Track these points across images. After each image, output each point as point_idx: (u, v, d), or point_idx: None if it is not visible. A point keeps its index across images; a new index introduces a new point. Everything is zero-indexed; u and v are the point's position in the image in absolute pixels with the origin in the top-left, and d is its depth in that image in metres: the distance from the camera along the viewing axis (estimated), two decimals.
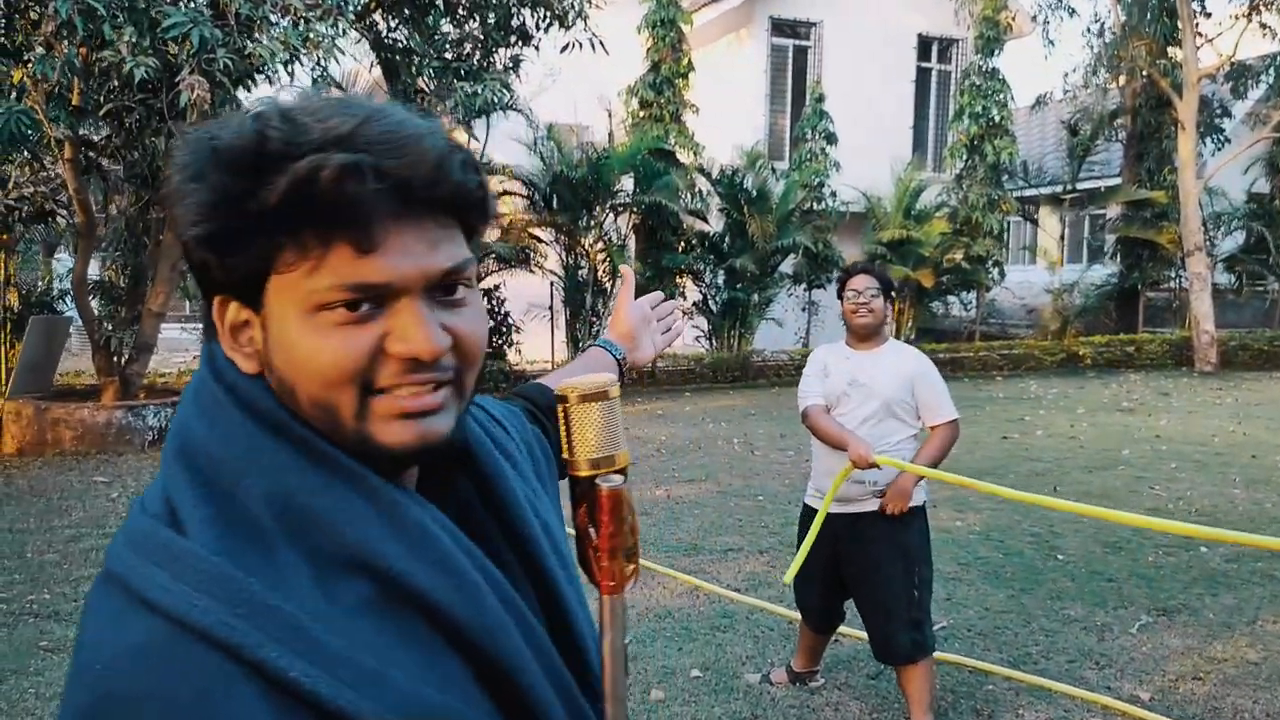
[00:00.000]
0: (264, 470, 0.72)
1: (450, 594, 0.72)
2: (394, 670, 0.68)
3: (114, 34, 7.33)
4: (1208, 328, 16.87)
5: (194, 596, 0.65)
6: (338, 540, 0.71)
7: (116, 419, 9.62)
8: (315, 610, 0.68)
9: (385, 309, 0.73)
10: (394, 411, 0.74)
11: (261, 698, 0.64)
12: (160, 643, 0.65)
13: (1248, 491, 7.76)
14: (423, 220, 0.73)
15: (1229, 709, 3.89)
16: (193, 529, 0.70)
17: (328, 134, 0.69)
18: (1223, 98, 19.56)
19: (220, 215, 0.71)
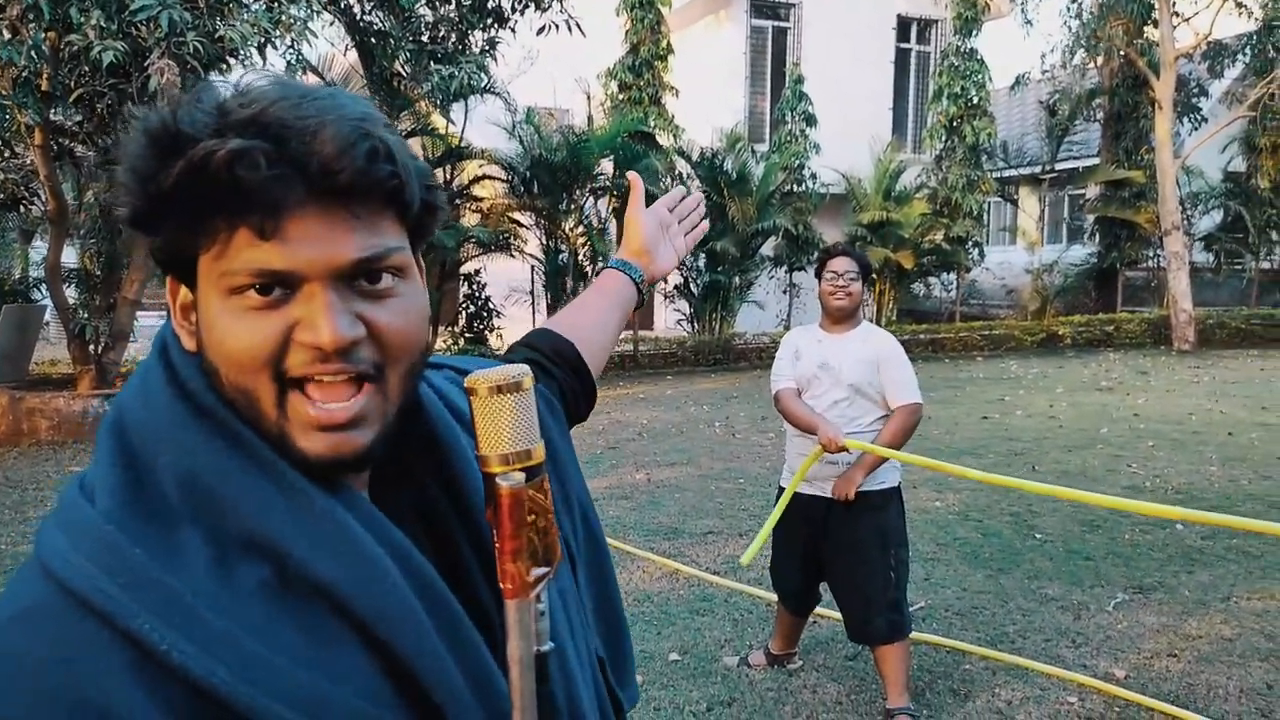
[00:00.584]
0: (180, 448, 0.72)
1: (353, 585, 0.71)
2: (281, 656, 0.67)
3: (81, 18, 7.24)
4: (1185, 306, 16.98)
5: (82, 564, 0.66)
6: (240, 524, 0.70)
7: (93, 408, 9.54)
8: (203, 589, 0.67)
9: (296, 297, 0.72)
10: (308, 420, 0.73)
11: (130, 667, 0.64)
12: (42, 606, 0.66)
13: (1224, 469, 7.82)
14: (331, 208, 0.71)
15: (1203, 685, 3.91)
16: (100, 499, 0.70)
17: (231, 119, 0.68)
18: (1200, 77, 19.63)
19: (135, 196, 0.71)
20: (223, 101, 0.70)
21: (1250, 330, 17.98)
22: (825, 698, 3.89)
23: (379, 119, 0.74)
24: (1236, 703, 3.76)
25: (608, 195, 15.02)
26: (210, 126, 0.68)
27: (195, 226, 0.71)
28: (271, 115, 0.69)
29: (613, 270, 1.37)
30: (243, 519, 0.70)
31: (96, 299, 10.64)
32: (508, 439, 0.75)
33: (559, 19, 10.21)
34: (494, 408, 0.75)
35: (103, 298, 10.62)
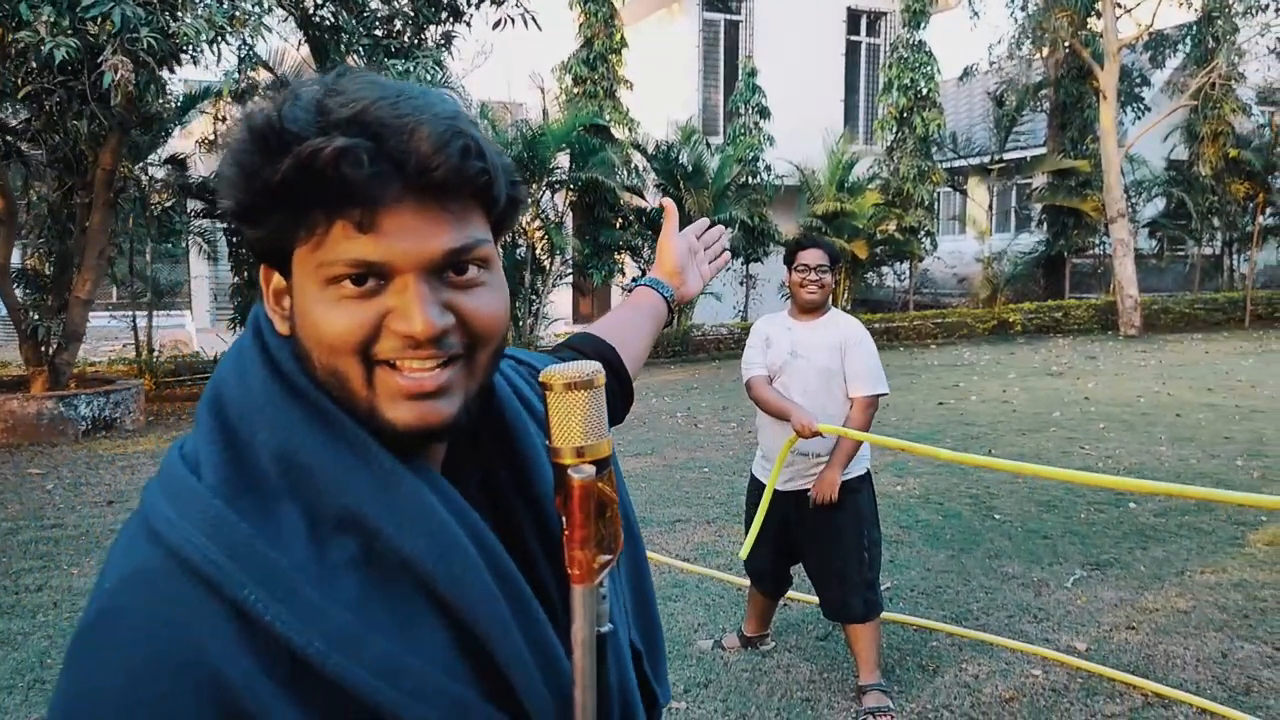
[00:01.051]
0: (276, 427, 0.76)
1: (436, 562, 0.75)
2: (371, 629, 0.72)
3: (31, 13, 7.11)
4: (1131, 292, 17.36)
5: (192, 533, 0.70)
6: (333, 501, 0.74)
7: (48, 409, 9.39)
8: (302, 563, 0.71)
9: (389, 287, 0.76)
10: (398, 391, 0.77)
11: (239, 635, 0.68)
12: (154, 570, 0.71)
13: (1173, 449, 8.04)
14: (425, 202, 0.75)
15: (1161, 656, 4.06)
16: (205, 473, 0.75)
17: (333, 117, 0.72)
18: (1142, 67, 20.06)
19: (241, 190, 0.75)
20: (322, 100, 0.73)
21: (1194, 314, 18.44)
22: (799, 677, 3.98)
23: (468, 117, 0.78)
24: (1194, 671, 3.91)
25: (564, 189, 15.03)
26: (314, 125, 0.72)
27: (297, 219, 0.75)
28: (371, 114, 0.72)
29: (645, 288, 1.41)
30: (335, 496, 0.74)
31: (48, 299, 10.45)
32: (579, 433, 0.79)
33: (514, 13, 10.20)
34: (568, 403, 0.79)
35: (54, 298, 10.45)
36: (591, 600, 0.80)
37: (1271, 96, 19.66)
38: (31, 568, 5.53)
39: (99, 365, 12.82)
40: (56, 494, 7.26)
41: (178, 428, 10.14)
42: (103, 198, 9.81)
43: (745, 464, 7.49)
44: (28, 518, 6.59)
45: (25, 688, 3.96)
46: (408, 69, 9.46)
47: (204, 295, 18.24)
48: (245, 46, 8.98)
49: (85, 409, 9.60)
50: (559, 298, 16.40)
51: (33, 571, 5.45)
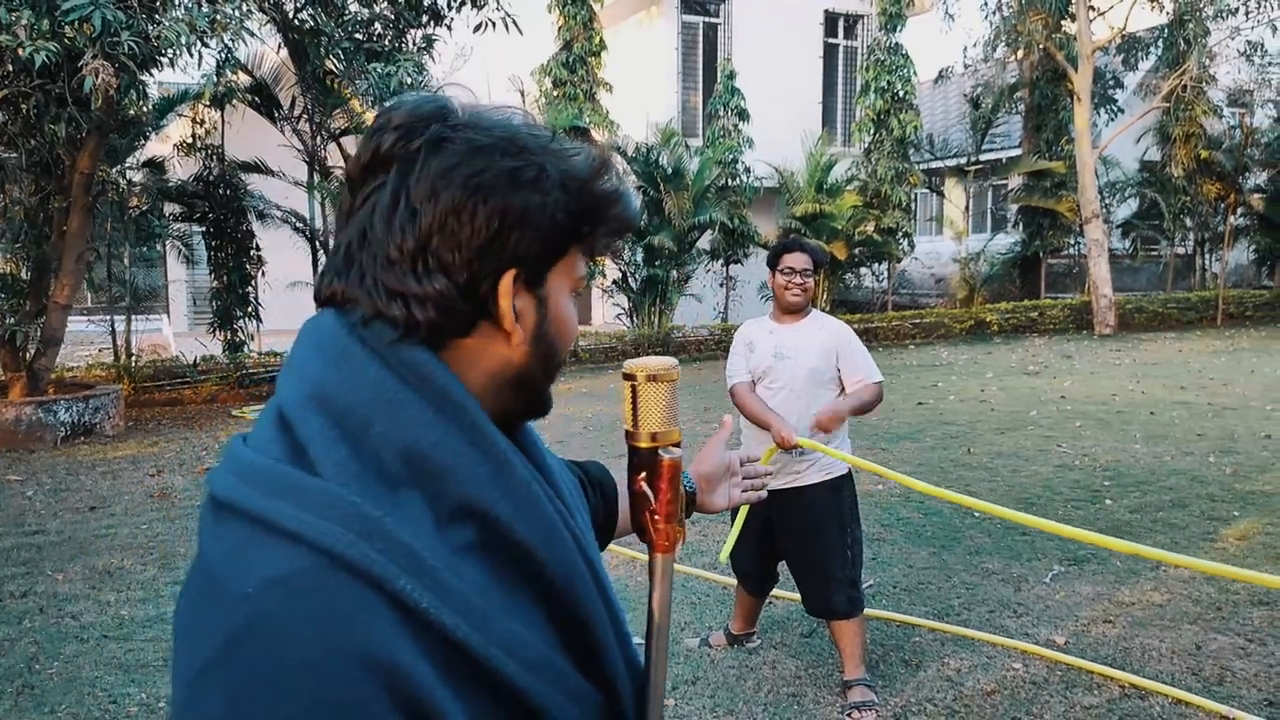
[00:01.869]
0: (393, 418, 0.79)
1: (546, 547, 0.82)
2: (492, 608, 0.77)
3: (9, 17, 7.09)
4: (1106, 292, 17.56)
5: (337, 531, 0.72)
6: (454, 488, 0.79)
7: (26, 415, 9.34)
8: (435, 549, 0.76)
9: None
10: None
11: (400, 625, 0.71)
12: (307, 570, 0.71)
13: (1148, 446, 8.17)
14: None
15: (1138, 648, 4.15)
16: (327, 469, 0.75)
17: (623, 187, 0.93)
18: (1115, 69, 20.29)
19: (609, 218, 0.92)
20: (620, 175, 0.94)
21: (1167, 314, 18.67)
22: (785, 673, 4.04)
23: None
24: (1169, 663, 4.00)
25: None
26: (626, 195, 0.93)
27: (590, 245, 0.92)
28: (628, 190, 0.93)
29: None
30: (456, 484, 0.79)
31: (25, 304, 10.39)
32: (657, 420, 0.89)
33: (495, 17, 10.23)
34: (649, 393, 0.89)
35: (32, 302, 10.39)
36: (669, 568, 0.89)
37: (1242, 99, 19.93)
38: (15, 574, 5.51)
39: (77, 370, 12.74)
40: (37, 500, 7.23)
41: (158, 432, 10.10)
42: (81, 201, 9.76)
43: None
44: (8, 524, 6.56)
45: (14, 693, 3.96)
46: (389, 72, 9.48)
47: (181, 299, 18.15)
48: (225, 50, 8.96)
49: (64, 414, 9.56)
50: None
51: (16, 578, 5.44)
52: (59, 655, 4.33)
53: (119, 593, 5.13)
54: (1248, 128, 19.37)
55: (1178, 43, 18.27)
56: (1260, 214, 19.76)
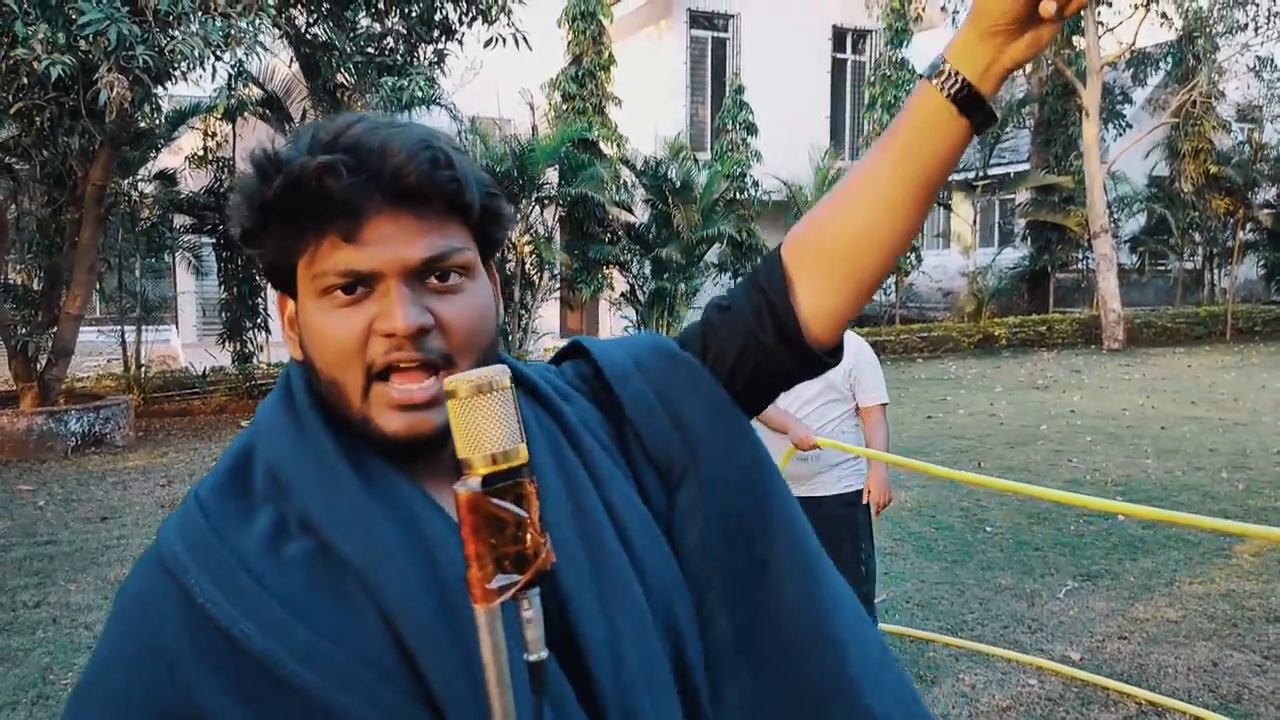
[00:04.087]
0: (272, 441, 0.87)
1: (367, 569, 0.79)
2: (301, 618, 0.78)
3: (26, 31, 7.14)
4: (1114, 306, 17.54)
5: (170, 531, 0.84)
6: (298, 504, 0.83)
7: (37, 425, 9.37)
8: (251, 557, 0.81)
9: (374, 293, 0.83)
10: (389, 401, 0.83)
11: (183, 615, 0.79)
12: (148, 557, 0.85)
13: (1159, 461, 8.15)
14: (403, 212, 0.82)
15: (1153, 664, 4.13)
16: (204, 485, 0.87)
17: (317, 142, 0.82)
18: (1124, 85, 20.31)
19: (243, 214, 0.85)
20: (314, 132, 0.83)
21: (1176, 328, 18.64)
22: None
23: (442, 137, 0.86)
24: (1185, 680, 3.98)
25: (553, 204, 15.10)
26: (303, 150, 0.82)
27: (292, 236, 0.83)
28: (350, 136, 0.81)
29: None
30: (299, 500, 0.83)
31: (37, 315, 10.43)
32: (492, 439, 0.71)
33: (506, 32, 10.29)
34: (474, 409, 0.71)
35: (43, 313, 10.43)
36: (494, 622, 0.70)
37: (1251, 114, 19.93)
38: (27, 584, 5.52)
39: (87, 380, 12.78)
40: (48, 510, 7.25)
41: (167, 443, 10.12)
42: (93, 213, 9.81)
43: None
44: (20, 534, 6.58)
45: (29, 703, 3.97)
46: (400, 86, 9.52)
47: (191, 310, 18.21)
48: (238, 64, 9.01)
49: (75, 424, 9.58)
50: (547, 312, 16.45)
51: (29, 589, 5.45)
52: (72, 666, 4.33)
53: None
54: (1257, 143, 19.36)
55: (1187, 59, 18.31)
56: (1269, 229, 19.75)
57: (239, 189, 0.85)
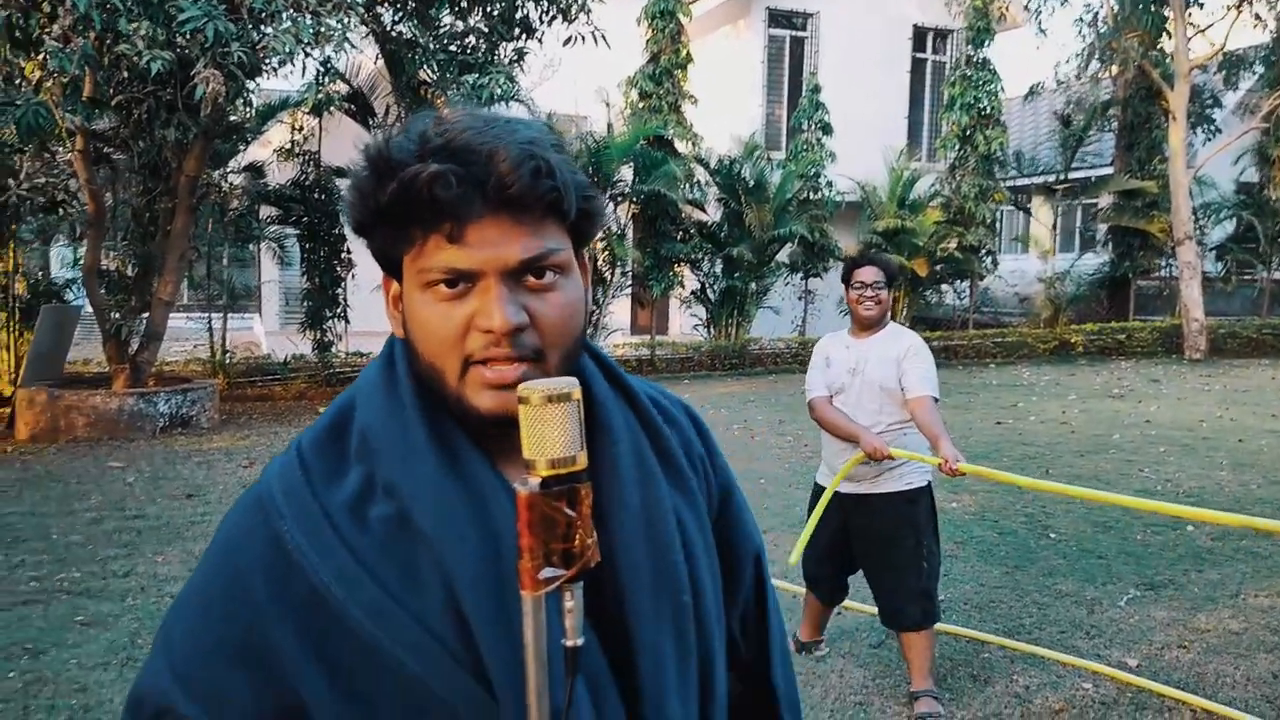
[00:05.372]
0: (368, 408, 0.96)
1: (437, 539, 0.87)
2: (373, 579, 0.87)
3: (129, 27, 7.50)
4: (1197, 315, 17.11)
5: (271, 476, 0.94)
6: (384, 471, 0.91)
7: (128, 406, 9.79)
8: (336, 513, 0.90)
9: (475, 289, 0.89)
10: (482, 381, 0.90)
11: (269, 551, 0.90)
12: (249, 495, 0.96)
13: (1234, 474, 8.00)
14: (504, 216, 0.88)
15: (1211, 674, 4.11)
16: (305, 439, 0.97)
17: (430, 145, 0.87)
18: (1214, 88, 19.76)
19: (357, 209, 0.93)
20: (424, 130, 0.88)
21: (1261, 340, 18.10)
22: (852, 681, 4.10)
23: (547, 141, 0.90)
24: (1243, 690, 3.96)
25: (627, 201, 15.25)
26: (414, 153, 0.87)
27: (402, 233, 0.90)
28: (460, 142, 0.86)
29: None
30: (385, 467, 0.91)
31: (131, 300, 10.89)
32: (555, 444, 0.79)
33: (585, 31, 10.45)
34: (544, 416, 0.79)
35: (136, 298, 10.88)
36: (538, 610, 0.79)
37: None
38: (117, 555, 5.82)
39: (174, 364, 13.29)
40: (137, 486, 7.59)
41: (249, 426, 10.50)
42: (185, 203, 10.22)
43: (801, 476, 7.60)
44: (110, 508, 6.92)
45: (119, 665, 4.22)
46: (481, 83, 9.74)
47: (274, 299, 18.74)
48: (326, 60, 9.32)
49: (164, 406, 9.99)
50: (618, 308, 16.61)
51: (119, 559, 5.75)
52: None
53: None
54: None
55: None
56: None
57: (353, 184, 0.92)
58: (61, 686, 3.99)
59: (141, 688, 0.93)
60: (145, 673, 0.93)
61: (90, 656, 4.30)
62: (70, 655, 4.31)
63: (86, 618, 4.76)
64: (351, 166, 0.94)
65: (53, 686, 3.99)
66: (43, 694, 3.92)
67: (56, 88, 7.89)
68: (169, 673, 0.91)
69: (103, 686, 3.99)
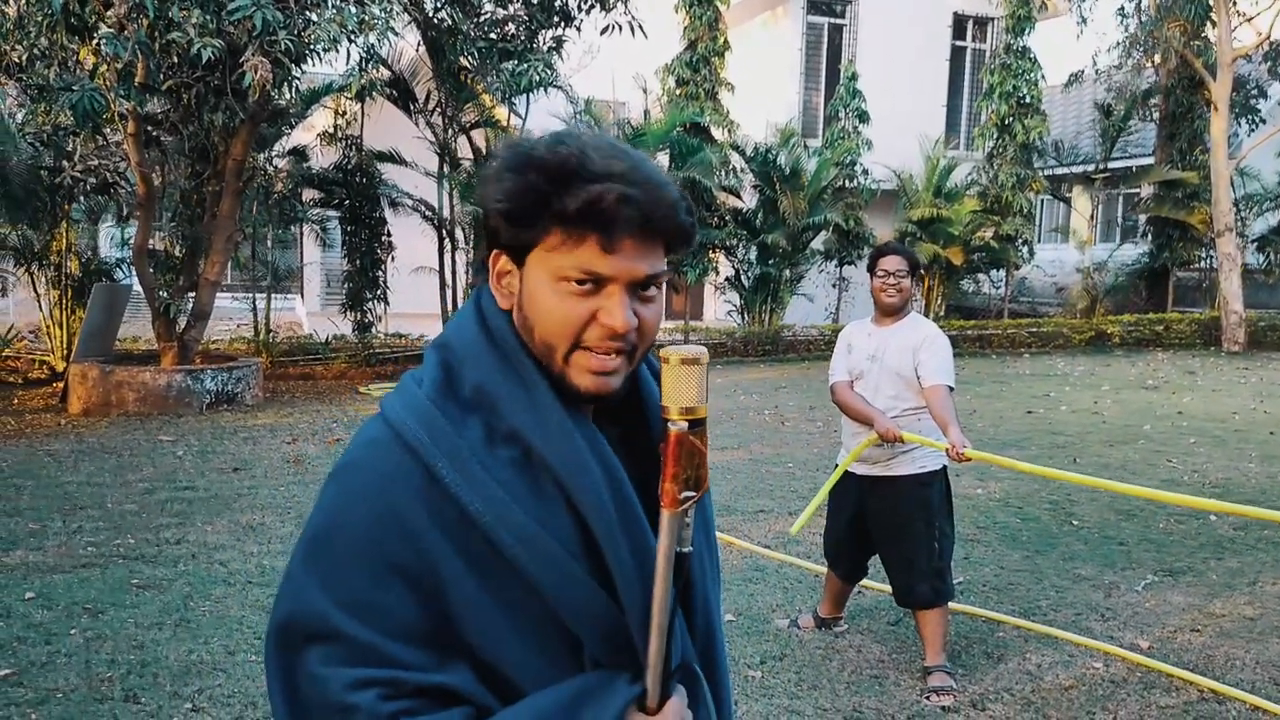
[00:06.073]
0: (478, 366, 1.11)
1: (569, 474, 1.06)
2: (515, 504, 1.04)
3: (181, 15, 7.74)
4: (1236, 308, 16.99)
5: (408, 417, 1.08)
6: (505, 419, 1.08)
7: (176, 382, 10.10)
8: (477, 451, 1.06)
9: (600, 291, 1.07)
10: (587, 366, 1.08)
11: (422, 490, 1.04)
12: (381, 438, 1.09)
13: (1262, 466, 8.03)
14: (644, 238, 1.06)
15: (1222, 657, 4.23)
16: (425, 386, 1.11)
17: (612, 169, 1.04)
18: (1259, 78, 19.51)
19: (523, 201, 1.07)
20: (588, 153, 1.05)
21: None
22: (869, 656, 4.26)
23: (676, 181, 1.12)
24: (1252, 672, 4.07)
25: None
26: (598, 172, 1.04)
27: (555, 230, 1.06)
28: (639, 174, 1.05)
29: None
30: (507, 416, 1.08)
31: (179, 279, 11.20)
32: (687, 397, 1.03)
33: (623, 20, 10.60)
34: (680, 374, 1.03)
35: (184, 278, 11.19)
36: (674, 524, 1.03)
37: None
38: (169, 524, 6.09)
39: (220, 343, 13.63)
40: (186, 460, 7.88)
41: (292, 404, 10.79)
42: (232, 186, 10.49)
43: (829, 461, 7.73)
44: (162, 480, 7.19)
45: (173, 625, 4.46)
46: (520, 70, 9.91)
47: (316, 280, 19.09)
48: (370, 47, 9.53)
49: (210, 383, 10.30)
50: None
51: (170, 527, 6.01)
52: (210, 596, 4.83)
53: (261, 545, 5.64)
54: None
55: None
56: None
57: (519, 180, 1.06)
58: (120, 643, 4.23)
59: (289, 614, 1.07)
60: (289, 602, 1.08)
61: (146, 617, 4.54)
62: (128, 615, 4.56)
63: (142, 581, 5.01)
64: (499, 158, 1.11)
65: (112, 643, 4.23)
66: (103, 650, 4.16)
67: (111, 73, 8.15)
68: (323, 595, 1.05)
69: (159, 645, 4.23)
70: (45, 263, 11.85)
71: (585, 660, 1.08)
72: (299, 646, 1.05)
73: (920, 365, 3.96)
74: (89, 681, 3.87)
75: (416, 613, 1.04)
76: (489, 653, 1.06)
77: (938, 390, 3.90)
